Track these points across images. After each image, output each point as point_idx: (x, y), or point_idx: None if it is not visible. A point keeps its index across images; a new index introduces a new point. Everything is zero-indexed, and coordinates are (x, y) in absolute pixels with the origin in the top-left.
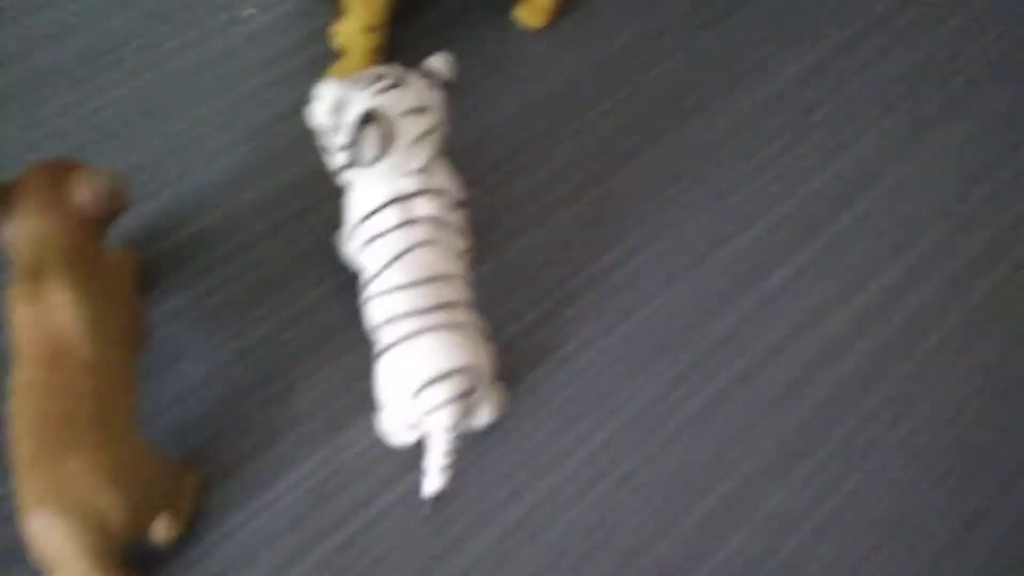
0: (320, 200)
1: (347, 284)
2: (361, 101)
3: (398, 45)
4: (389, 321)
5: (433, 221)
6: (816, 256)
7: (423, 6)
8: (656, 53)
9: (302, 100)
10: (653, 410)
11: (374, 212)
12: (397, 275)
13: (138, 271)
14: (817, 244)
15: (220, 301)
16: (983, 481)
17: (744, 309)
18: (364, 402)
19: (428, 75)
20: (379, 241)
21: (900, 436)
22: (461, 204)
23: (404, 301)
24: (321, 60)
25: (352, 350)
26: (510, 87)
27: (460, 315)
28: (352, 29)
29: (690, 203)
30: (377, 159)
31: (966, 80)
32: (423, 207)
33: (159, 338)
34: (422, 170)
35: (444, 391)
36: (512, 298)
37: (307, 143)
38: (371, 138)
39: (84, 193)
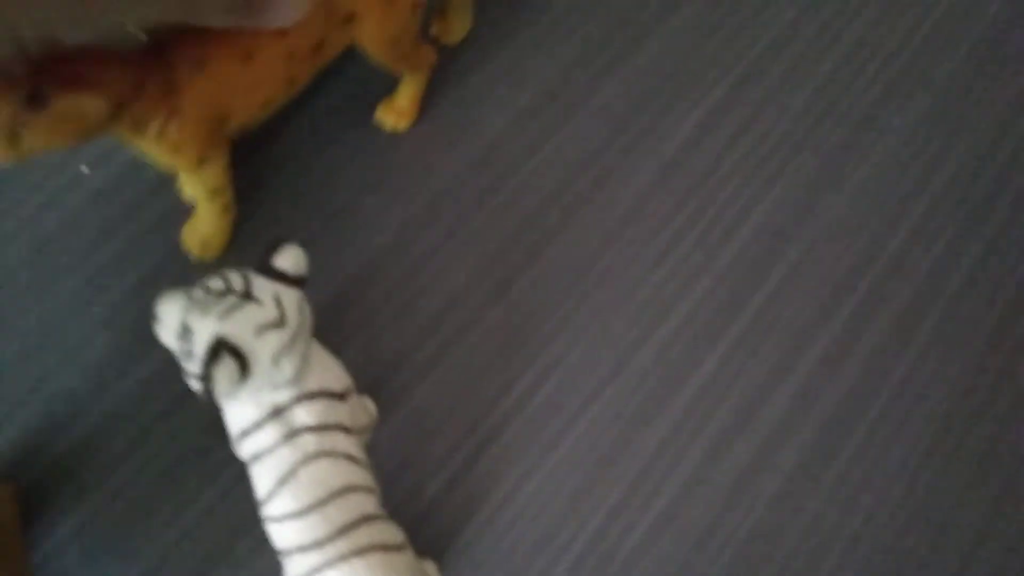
0: None
1: (243, 475)
2: (207, 328)
3: (257, 177)
4: (289, 553)
5: (317, 430)
6: (744, 332)
7: (274, 133)
8: (538, 134)
9: (161, 265)
10: (601, 545)
11: (250, 430)
12: (288, 501)
13: (15, 509)
14: (744, 319)
15: (112, 519)
16: (945, 552)
17: (679, 408)
18: None
19: (278, 277)
20: (263, 460)
21: (859, 521)
22: (344, 394)
23: (301, 531)
24: (172, 214)
25: (260, 551)
26: (389, 202)
27: (366, 535)
28: (194, 194)
29: (599, 304)
30: (235, 388)
31: (868, 107)
32: (302, 416)
33: None
34: (293, 379)
35: None
36: (425, 453)
37: None
38: (223, 375)
39: None
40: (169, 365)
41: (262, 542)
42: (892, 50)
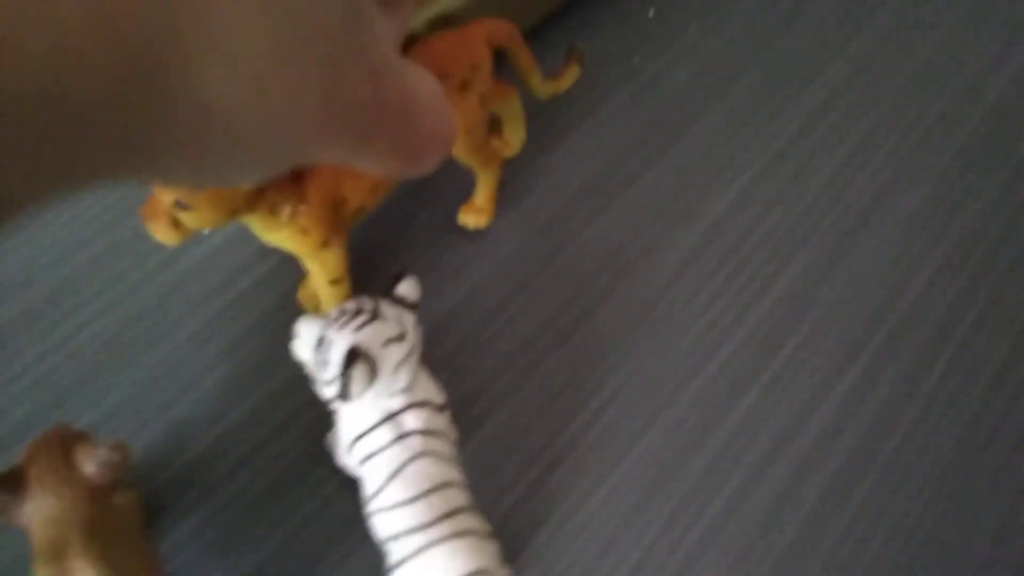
0: (304, 405)
1: (346, 483)
2: (343, 339)
3: (357, 279)
4: (396, 537)
5: (423, 433)
6: (775, 377)
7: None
8: (592, 210)
9: (271, 310)
10: (654, 553)
11: (367, 432)
12: (398, 491)
13: (143, 512)
14: (774, 365)
15: (225, 522)
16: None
17: (720, 439)
18: None
19: (399, 302)
20: (375, 458)
21: (875, 548)
22: (443, 407)
23: (408, 517)
24: (282, 270)
25: (361, 547)
26: (465, 264)
27: (463, 522)
28: (318, 286)
29: (648, 352)
30: (364, 392)
31: (878, 190)
32: (411, 421)
33: (172, 569)
34: (406, 388)
35: None
36: (499, 473)
37: (281, 353)
38: (358, 375)
39: (91, 467)
40: (274, 399)
41: (354, 548)
42: (898, 141)
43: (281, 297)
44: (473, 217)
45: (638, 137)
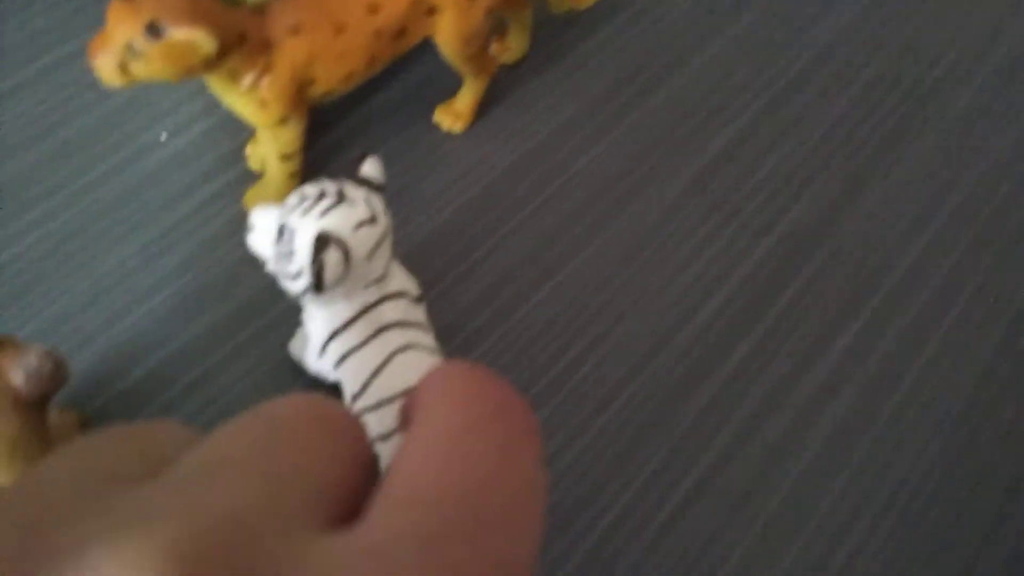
0: (264, 328)
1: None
2: (308, 225)
3: (320, 159)
4: (386, 437)
5: (403, 325)
6: (774, 324)
7: (331, 121)
8: (582, 141)
9: (234, 222)
10: (645, 498)
11: (343, 328)
12: (383, 388)
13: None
14: (773, 312)
15: None
16: (969, 530)
17: (714, 385)
18: None
19: (364, 183)
20: (355, 355)
21: (887, 492)
22: (419, 299)
23: (396, 413)
24: (246, 179)
25: None
26: (444, 188)
27: None
28: (266, 155)
29: (638, 292)
30: (338, 281)
31: (891, 132)
32: (389, 313)
33: None
34: (381, 277)
35: None
36: None
37: (246, 265)
38: (331, 262)
39: (18, 376)
40: (232, 320)
41: None
42: (909, 86)
43: (239, 211)
44: (450, 119)
45: (633, 67)
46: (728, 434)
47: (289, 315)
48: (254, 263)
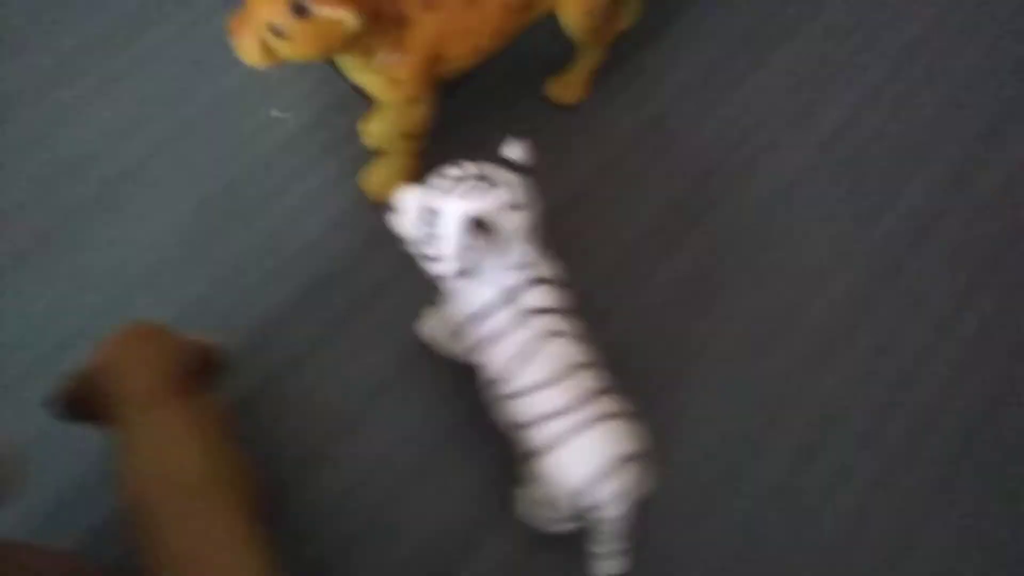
0: (401, 300)
1: (463, 377)
2: (453, 207)
3: (440, 132)
4: (538, 421)
5: (548, 311)
6: (894, 299)
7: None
8: (702, 106)
9: (353, 202)
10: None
11: (485, 311)
12: (534, 373)
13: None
14: (899, 285)
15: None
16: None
17: (848, 364)
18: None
19: (508, 165)
20: (500, 340)
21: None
22: (563, 286)
23: (551, 399)
24: (362, 159)
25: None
26: (568, 158)
27: (607, 403)
28: (388, 133)
29: (765, 267)
30: (485, 260)
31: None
32: (534, 299)
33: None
34: (525, 262)
35: (618, 481)
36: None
37: (370, 246)
38: (477, 244)
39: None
40: (354, 303)
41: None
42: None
43: (356, 191)
44: (566, 91)
45: (749, 31)
46: (868, 411)
47: (416, 297)
48: (378, 243)
